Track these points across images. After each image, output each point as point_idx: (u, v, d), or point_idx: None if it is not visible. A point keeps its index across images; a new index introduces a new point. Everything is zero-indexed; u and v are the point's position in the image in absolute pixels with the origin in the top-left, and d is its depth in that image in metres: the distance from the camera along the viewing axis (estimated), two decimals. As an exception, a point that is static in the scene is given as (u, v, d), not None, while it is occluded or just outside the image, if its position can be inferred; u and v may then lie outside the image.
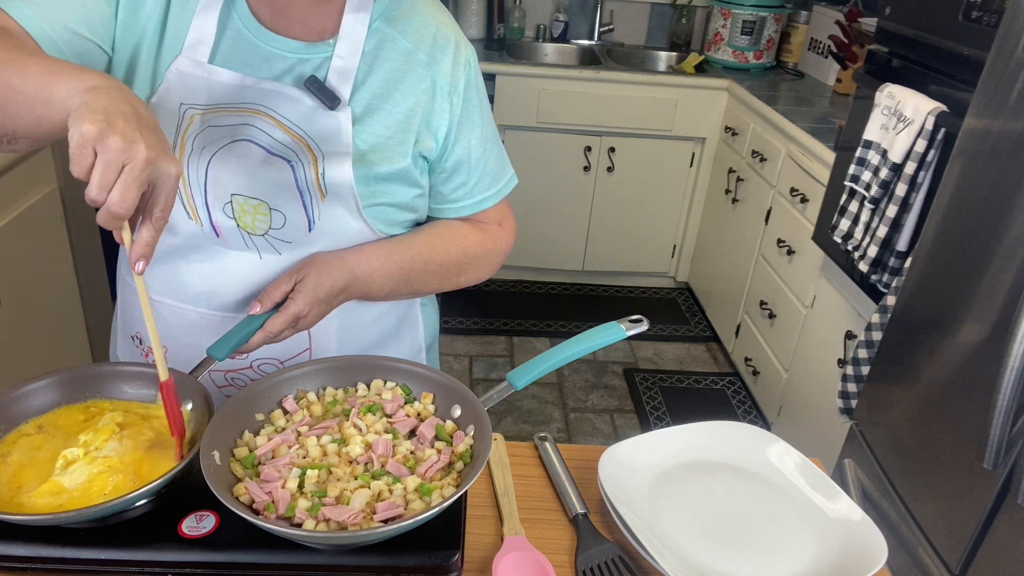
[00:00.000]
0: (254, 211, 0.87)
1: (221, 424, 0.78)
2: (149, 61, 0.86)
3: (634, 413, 2.72)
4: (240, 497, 0.73)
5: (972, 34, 1.50)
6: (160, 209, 0.66)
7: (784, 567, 0.79)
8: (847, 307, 2.05)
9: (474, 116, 0.97)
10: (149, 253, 0.67)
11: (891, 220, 1.68)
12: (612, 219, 3.32)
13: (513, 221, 1.08)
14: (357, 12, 0.89)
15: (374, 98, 0.90)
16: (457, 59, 0.94)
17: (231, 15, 0.88)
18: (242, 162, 0.85)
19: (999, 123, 1.24)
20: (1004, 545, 1.18)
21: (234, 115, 0.86)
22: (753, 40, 3.18)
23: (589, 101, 3.03)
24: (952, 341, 1.31)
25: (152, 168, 0.63)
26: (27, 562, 0.72)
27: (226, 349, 0.83)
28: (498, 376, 2.84)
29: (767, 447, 0.94)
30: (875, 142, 1.77)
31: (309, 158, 0.86)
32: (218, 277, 0.92)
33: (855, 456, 1.62)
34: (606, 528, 0.85)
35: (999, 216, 1.21)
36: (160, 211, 0.66)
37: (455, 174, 0.98)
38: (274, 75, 0.88)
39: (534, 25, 3.47)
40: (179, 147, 0.85)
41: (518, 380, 0.85)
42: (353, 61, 0.88)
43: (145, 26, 0.86)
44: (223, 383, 0.98)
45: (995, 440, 1.10)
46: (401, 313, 1.06)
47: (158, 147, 0.64)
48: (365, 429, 0.81)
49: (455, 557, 0.74)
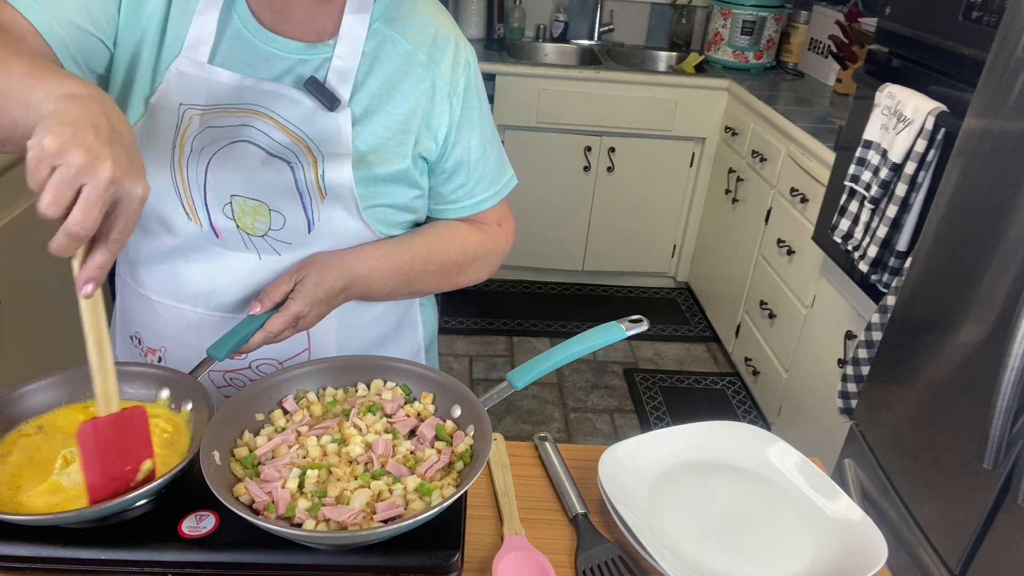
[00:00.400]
0: (254, 212, 0.87)
1: (221, 424, 0.78)
2: (150, 60, 0.86)
3: (634, 413, 2.72)
4: (240, 497, 0.73)
5: (972, 34, 1.50)
6: (119, 232, 0.61)
7: (784, 567, 0.79)
8: (847, 307, 2.05)
9: (474, 117, 0.97)
10: (100, 277, 0.63)
11: (891, 220, 1.68)
12: (612, 219, 3.32)
13: (512, 221, 1.08)
14: (357, 13, 0.89)
15: (374, 99, 0.89)
16: (457, 60, 0.94)
17: (231, 15, 0.88)
18: (241, 163, 0.85)
19: (999, 123, 1.24)
20: (1004, 545, 1.18)
21: (234, 116, 0.86)
22: (753, 40, 3.18)
23: (589, 101, 3.03)
24: (952, 341, 1.31)
25: (117, 188, 0.59)
26: (27, 562, 0.72)
27: (226, 349, 0.83)
28: (498, 376, 2.84)
29: (767, 447, 0.94)
30: (875, 142, 1.77)
31: (309, 159, 0.86)
32: (217, 278, 0.92)
33: (855, 456, 1.62)
34: (606, 528, 0.85)
35: (999, 216, 1.21)
36: (118, 233, 0.61)
37: (455, 175, 0.98)
38: (274, 76, 0.88)
39: (534, 25, 3.47)
40: (178, 147, 0.85)
41: (518, 380, 0.85)
42: (353, 62, 0.88)
43: (147, 25, 0.86)
44: (222, 383, 0.98)
45: (995, 440, 1.10)
46: (400, 313, 1.06)
47: (127, 166, 0.60)
48: (365, 429, 0.81)
49: (455, 557, 0.74)
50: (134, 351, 1.01)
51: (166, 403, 0.85)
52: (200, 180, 0.85)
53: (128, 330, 1.02)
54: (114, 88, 0.87)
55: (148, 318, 0.97)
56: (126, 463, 0.71)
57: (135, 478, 0.72)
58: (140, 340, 1.00)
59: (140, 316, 0.98)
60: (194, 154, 0.85)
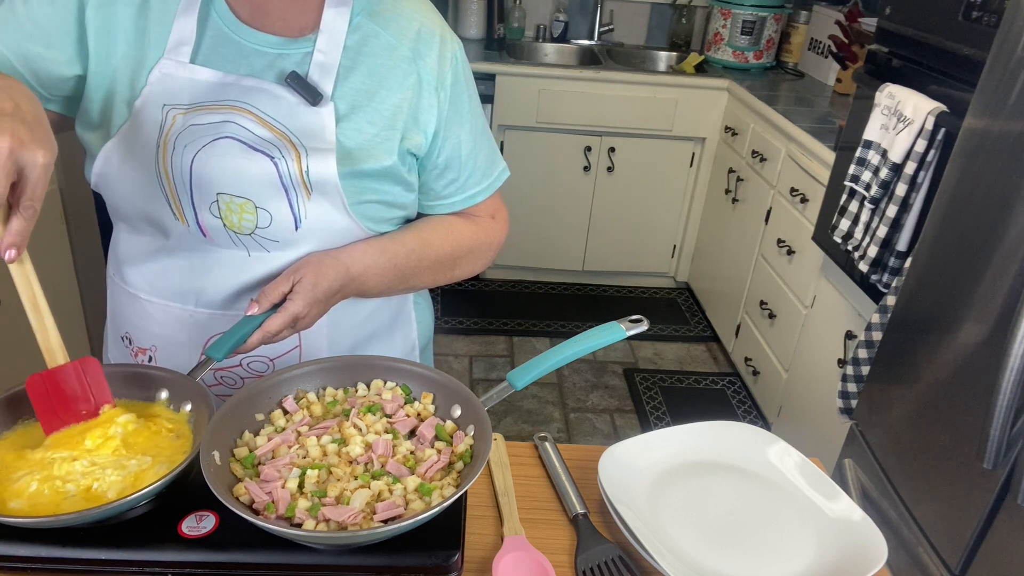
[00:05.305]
0: (240, 210, 0.87)
1: (221, 424, 0.78)
2: (131, 66, 0.87)
3: (634, 413, 2.72)
4: (240, 497, 0.73)
5: (972, 34, 1.50)
6: (28, 198, 0.67)
7: (784, 567, 0.79)
8: (847, 307, 2.05)
9: (463, 111, 0.97)
10: (20, 242, 0.68)
11: (891, 220, 1.68)
12: (612, 219, 3.32)
13: (506, 212, 1.08)
14: (338, 7, 0.88)
15: (358, 95, 0.89)
16: (443, 54, 0.93)
17: (210, 14, 0.88)
18: (225, 160, 0.85)
19: (999, 123, 1.24)
20: (1004, 545, 1.18)
21: (215, 113, 0.86)
22: (753, 40, 3.18)
23: (589, 101, 3.03)
24: (952, 341, 1.31)
25: (17, 157, 0.64)
26: (27, 562, 0.72)
27: (224, 349, 0.83)
28: (498, 376, 2.84)
29: (767, 447, 0.94)
30: (875, 142, 1.77)
31: (292, 154, 0.86)
32: (206, 275, 0.92)
33: (855, 456, 1.62)
34: (606, 528, 0.85)
35: (999, 216, 1.21)
36: (28, 199, 0.67)
37: (446, 170, 0.98)
38: (255, 72, 0.88)
39: (534, 25, 3.47)
40: (162, 147, 0.85)
41: (518, 380, 0.85)
42: (334, 56, 0.88)
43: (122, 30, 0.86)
44: (213, 382, 0.98)
45: (995, 440, 1.10)
46: (393, 311, 1.06)
47: (25, 137, 0.65)
48: (365, 429, 0.81)
49: (455, 557, 0.74)
50: (125, 352, 1.01)
51: (165, 404, 0.85)
52: (185, 179, 0.85)
53: (119, 330, 1.02)
54: (96, 97, 0.88)
55: (138, 317, 0.97)
56: (80, 408, 0.79)
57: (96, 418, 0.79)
58: (131, 340, 1.00)
59: (130, 315, 0.98)
60: (176, 152, 0.85)
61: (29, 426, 0.81)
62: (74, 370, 0.78)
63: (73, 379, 0.78)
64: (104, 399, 0.80)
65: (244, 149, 0.85)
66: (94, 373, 0.80)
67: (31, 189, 0.67)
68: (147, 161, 0.86)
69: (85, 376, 0.79)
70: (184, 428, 0.82)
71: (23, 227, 0.67)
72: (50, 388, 0.78)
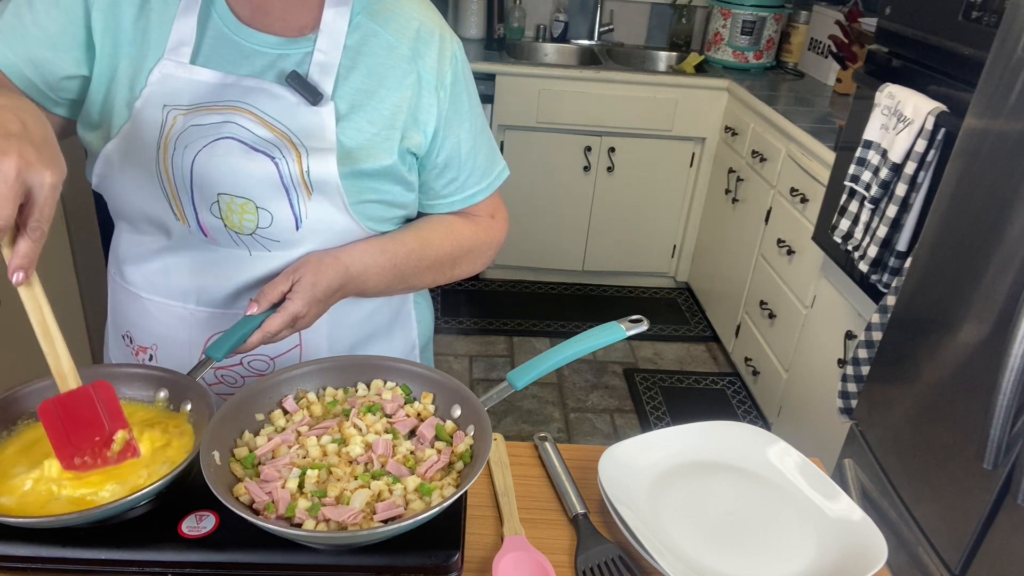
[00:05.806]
0: (241, 210, 0.87)
1: (221, 424, 0.78)
2: (131, 66, 0.87)
3: (634, 413, 2.72)
4: (240, 497, 0.73)
5: (972, 34, 1.50)
6: (36, 219, 0.65)
7: (784, 567, 0.79)
8: (847, 307, 2.05)
9: (463, 110, 0.97)
10: (28, 265, 0.66)
11: (891, 220, 1.68)
12: (612, 219, 3.32)
13: (505, 212, 1.08)
14: (338, 7, 0.89)
15: (358, 94, 0.89)
16: (443, 53, 0.93)
17: (210, 14, 0.88)
18: (225, 160, 0.85)
19: (999, 123, 1.24)
20: (1004, 545, 1.18)
21: (216, 113, 0.86)
22: (753, 40, 3.18)
23: (589, 101, 3.03)
24: (952, 341, 1.31)
25: (24, 178, 0.63)
26: (27, 562, 0.72)
27: (224, 349, 0.83)
28: (498, 376, 2.84)
29: (767, 447, 0.94)
30: (875, 142, 1.77)
31: (292, 154, 0.86)
32: (207, 274, 0.92)
33: (855, 456, 1.62)
34: (606, 528, 0.85)
35: (999, 216, 1.21)
36: (36, 221, 0.65)
37: (446, 170, 0.98)
38: (255, 72, 0.88)
39: (534, 25, 3.47)
40: (163, 148, 0.85)
41: (518, 380, 0.85)
42: (335, 55, 0.88)
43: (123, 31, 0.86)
44: (213, 380, 0.98)
45: (995, 440, 1.10)
46: (393, 310, 1.06)
47: (32, 157, 0.64)
48: (365, 429, 0.81)
49: (455, 557, 0.74)
50: (126, 351, 1.02)
51: (165, 403, 0.85)
52: (186, 180, 0.86)
53: (120, 329, 1.02)
54: (97, 97, 0.88)
55: (138, 316, 0.97)
56: (94, 434, 0.75)
57: (111, 448, 0.76)
58: (131, 339, 1.00)
59: (131, 314, 0.98)
60: (177, 153, 0.85)
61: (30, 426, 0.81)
62: (87, 395, 0.75)
63: (86, 404, 0.75)
64: (119, 424, 0.76)
65: (245, 149, 0.85)
66: (107, 397, 0.76)
67: (39, 210, 0.65)
68: (148, 162, 0.86)
69: (98, 401, 0.75)
70: (182, 430, 0.82)
71: (31, 249, 0.65)
72: (62, 414, 0.74)
